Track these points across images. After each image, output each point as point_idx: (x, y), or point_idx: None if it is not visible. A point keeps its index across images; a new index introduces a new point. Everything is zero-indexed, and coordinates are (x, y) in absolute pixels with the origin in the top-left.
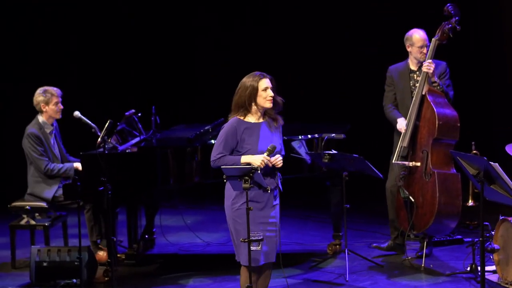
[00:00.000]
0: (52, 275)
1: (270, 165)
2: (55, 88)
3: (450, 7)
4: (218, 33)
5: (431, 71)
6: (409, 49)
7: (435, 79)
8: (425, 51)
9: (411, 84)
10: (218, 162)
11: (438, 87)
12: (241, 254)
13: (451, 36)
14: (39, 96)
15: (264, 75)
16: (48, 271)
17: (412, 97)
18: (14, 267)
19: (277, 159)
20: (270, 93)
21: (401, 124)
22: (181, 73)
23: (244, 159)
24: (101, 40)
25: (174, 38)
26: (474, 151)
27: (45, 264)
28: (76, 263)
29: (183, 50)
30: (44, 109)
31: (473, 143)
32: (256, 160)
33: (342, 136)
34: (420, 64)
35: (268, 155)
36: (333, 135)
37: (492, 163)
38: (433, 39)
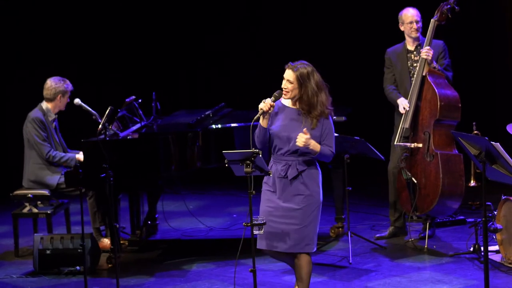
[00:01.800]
0: (55, 262)
1: (266, 109)
2: (69, 82)
3: None
4: (219, 18)
5: (429, 57)
6: (402, 28)
7: (434, 64)
8: (415, 26)
9: (409, 64)
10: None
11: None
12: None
13: (449, 16)
14: (59, 86)
15: (288, 65)
16: (51, 259)
17: (411, 77)
18: (17, 256)
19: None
20: (283, 84)
21: (403, 103)
22: (181, 58)
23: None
24: (100, 26)
25: (173, 23)
26: (475, 131)
27: (48, 251)
28: (79, 250)
29: (182, 35)
30: (58, 99)
31: (474, 123)
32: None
33: (343, 118)
34: (417, 44)
35: (273, 101)
36: (334, 117)
37: (494, 142)
38: (432, 20)
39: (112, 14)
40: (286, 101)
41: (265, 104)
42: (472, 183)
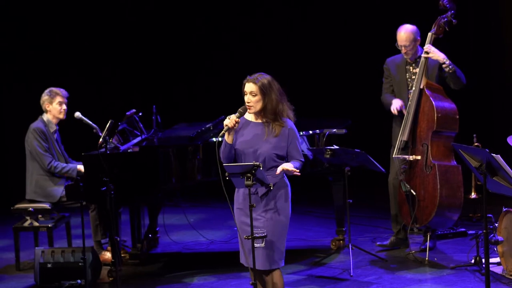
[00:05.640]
0: (56, 276)
1: (231, 125)
2: (61, 89)
3: (445, 1)
4: (218, 31)
5: (430, 54)
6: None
7: (444, 60)
8: (404, 50)
9: (407, 77)
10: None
11: (450, 67)
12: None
13: (447, 29)
14: (44, 95)
15: (247, 79)
16: (53, 272)
17: (408, 89)
18: (18, 269)
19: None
20: (247, 98)
21: (396, 103)
22: (181, 71)
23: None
24: (101, 40)
25: (174, 36)
26: (476, 143)
27: (49, 265)
28: (80, 263)
29: (183, 48)
30: (48, 108)
31: (474, 135)
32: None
33: (343, 131)
34: (417, 57)
35: (238, 117)
36: (334, 130)
37: (494, 154)
38: (429, 33)
39: (113, 27)
40: (249, 116)
41: (230, 120)
42: (473, 195)
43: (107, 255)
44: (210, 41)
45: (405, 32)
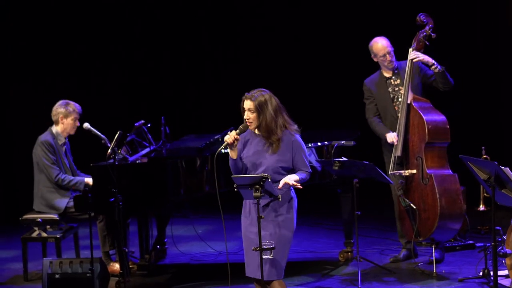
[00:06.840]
0: (64, 287)
1: (230, 141)
2: (77, 104)
3: (422, 16)
4: (228, 42)
5: (420, 57)
6: (375, 60)
7: (432, 61)
8: (389, 58)
9: (390, 90)
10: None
11: (438, 69)
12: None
13: (427, 44)
14: (60, 107)
15: (245, 96)
16: (61, 283)
17: (394, 104)
18: (26, 280)
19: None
20: (246, 115)
21: (391, 136)
22: (190, 82)
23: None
24: (110, 50)
25: (183, 47)
26: (485, 156)
27: (57, 276)
28: (88, 274)
29: (192, 59)
30: (61, 121)
31: (483, 147)
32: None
33: (352, 143)
34: (395, 70)
35: (238, 134)
36: (343, 142)
37: (503, 167)
38: (410, 49)
39: (122, 37)
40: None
41: (229, 137)
42: (481, 207)
43: (115, 266)
44: (219, 52)
45: (381, 41)
